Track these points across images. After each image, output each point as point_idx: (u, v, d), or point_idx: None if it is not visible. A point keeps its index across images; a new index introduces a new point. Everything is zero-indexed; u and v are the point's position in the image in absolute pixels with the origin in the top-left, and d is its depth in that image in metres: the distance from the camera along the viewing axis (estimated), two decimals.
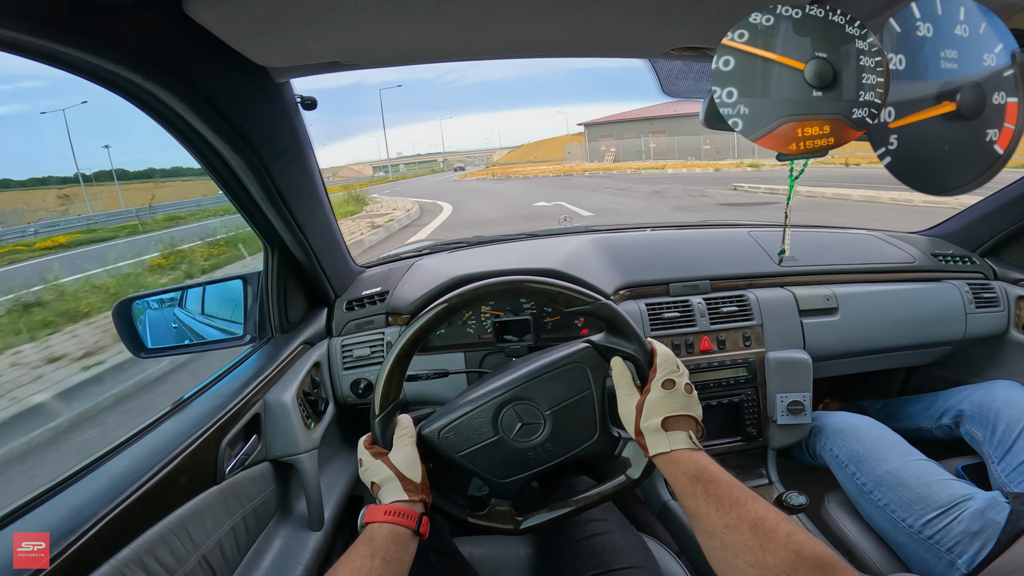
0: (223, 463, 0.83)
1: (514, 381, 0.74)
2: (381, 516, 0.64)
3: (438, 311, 0.74)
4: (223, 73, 0.74)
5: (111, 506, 0.62)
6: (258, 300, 1.18)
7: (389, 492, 0.67)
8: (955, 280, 1.47)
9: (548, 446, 0.73)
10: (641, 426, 0.66)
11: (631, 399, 0.69)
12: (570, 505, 0.76)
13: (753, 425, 1.32)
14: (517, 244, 1.67)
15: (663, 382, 0.68)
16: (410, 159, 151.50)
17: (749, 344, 1.32)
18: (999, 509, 0.93)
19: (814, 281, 1.43)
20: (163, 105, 0.72)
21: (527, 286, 0.76)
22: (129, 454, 0.73)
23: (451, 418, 0.74)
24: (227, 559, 0.80)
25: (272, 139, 0.89)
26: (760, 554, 0.51)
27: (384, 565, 0.59)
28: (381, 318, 1.31)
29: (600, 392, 0.74)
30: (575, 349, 0.74)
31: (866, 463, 1.12)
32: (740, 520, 0.54)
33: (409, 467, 0.69)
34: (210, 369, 1.04)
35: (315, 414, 1.11)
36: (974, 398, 1.24)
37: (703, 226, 1.81)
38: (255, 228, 1.05)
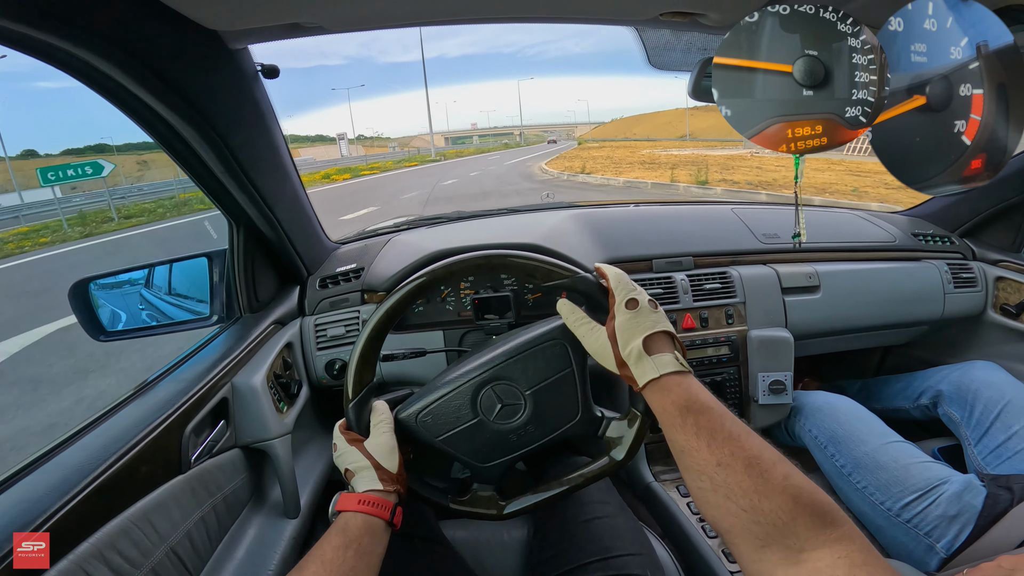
0: (188, 451, 0.79)
1: (492, 360, 0.71)
2: (355, 505, 0.62)
3: (410, 288, 0.71)
4: (167, 38, 0.68)
5: (64, 500, 0.58)
6: (224, 279, 1.13)
7: (363, 480, 0.65)
8: (934, 260, 1.48)
9: (529, 428, 0.71)
10: (622, 354, 0.59)
11: (597, 331, 0.63)
12: (553, 488, 0.74)
13: (735, 405, 1.32)
14: (498, 219, 1.63)
15: (626, 302, 0.62)
16: (485, 131, 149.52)
17: (732, 322, 1.31)
18: (975, 492, 0.94)
19: (796, 259, 1.42)
20: (98, 72, 0.66)
21: (503, 260, 0.72)
22: (83, 444, 0.69)
23: (428, 401, 0.71)
24: (198, 550, 0.77)
25: (228, 109, 0.84)
26: (755, 497, 0.46)
27: (357, 557, 0.57)
28: (356, 296, 1.27)
29: (580, 370, 0.71)
30: (554, 326, 0.71)
31: (844, 444, 1.12)
32: (734, 457, 0.49)
33: (385, 456, 0.67)
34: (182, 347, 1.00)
35: (287, 397, 1.07)
36: (952, 378, 1.25)
37: (687, 203, 1.79)
38: (217, 203, 0.99)
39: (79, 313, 1.04)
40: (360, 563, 0.57)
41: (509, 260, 0.72)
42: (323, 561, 0.56)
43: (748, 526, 0.46)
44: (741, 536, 0.47)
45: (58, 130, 67.29)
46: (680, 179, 12.78)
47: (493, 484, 0.74)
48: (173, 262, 1.18)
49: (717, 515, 0.49)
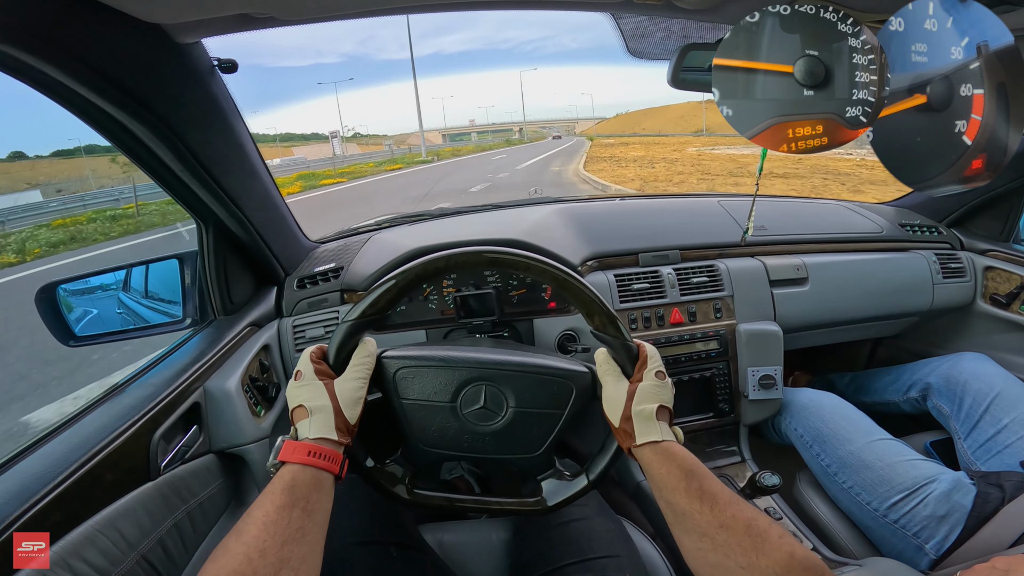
0: (157, 457, 0.78)
1: (498, 363, 0.69)
2: (303, 457, 0.55)
3: (481, 257, 0.67)
4: (104, 35, 0.65)
5: (23, 508, 0.57)
6: (196, 281, 1.10)
7: (316, 425, 0.58)
8: (922, 250, 1.47)
9: (489, 439, 0.69)
10: (633, 411, 0.62)
11: (620, 384, 0.65)
12: (469, 503, 0.72)
13: (725, 401, 1.30)
14: (482, 215, 1.60)
15: (656, 372, 0.64)
16: (483, 127, 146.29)
17: (720, 316, 1.29)
18: (965, 491, 0.92)
19: (784, 251, 1.40)
20: (36, 71, 0.62)
21: (536, 265, 0.68)
22: (45, 452, 0.68)
23: (418, 362, 0.68)
24: (172, 557, 0.75)
25: (181, 105, 0.80)
26: (754, 555, 0.49)
27: (304, 516, 0.52)
28: (335, 295, 1.24)
29: (569, 418, 0.69)
30: (574, 368, 0.70)
31: (829, 443, 1.11)
32: (735, 520, 0.51)
33: (351, 403, 0.61)
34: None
35: (265, 401, 1.04)
36: (941, 370, 1.23)
37: (673, 196, 1.77)
38: (182, 203, 0.96)
39: (46, 318, 1.00)
40: (308, 522, 0.52)
41: (550, 271, 0.68)
42: (265, 524, 0.49)
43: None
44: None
45: (49, 131, 66.71)
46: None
47: (412, 468, 0.71)
48: (143, 264, 1.14)
49: (715, 574, 0.52)
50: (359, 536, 0.78)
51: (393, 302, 0.66)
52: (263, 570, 0.46)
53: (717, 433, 1.34)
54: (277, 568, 0.47)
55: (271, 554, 0.47)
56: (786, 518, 1.10)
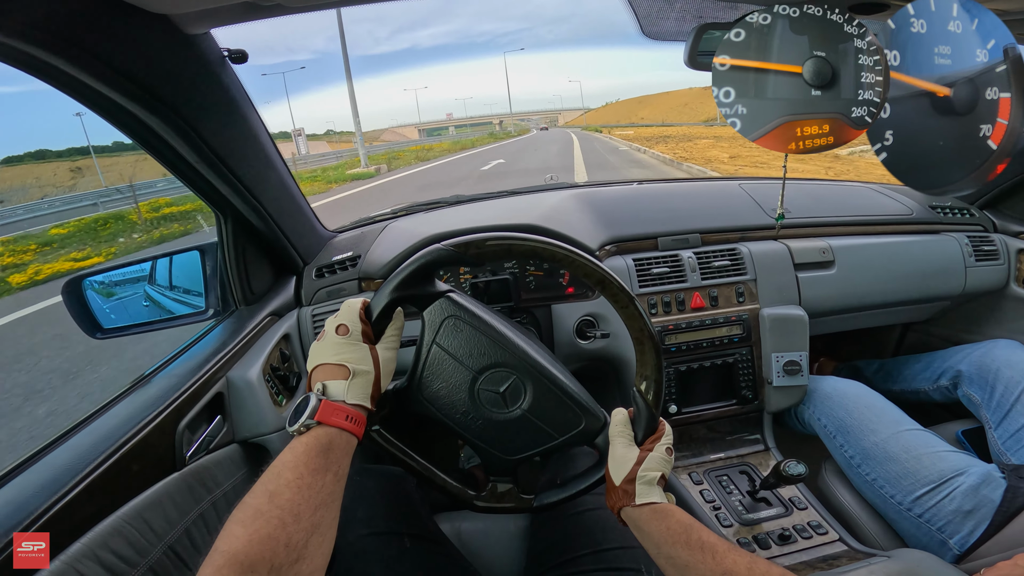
0: (182, 448, 0.78)
1: (538, 366, 0.68)
2: (342, 421, 0.53)
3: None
4: (111, 26, 0.65)
5: (52, 500, 0.58)
6: (218, 272, 1.11)
7: (356, 388, 0.56)
8: (954, 232, 1.42)
9: (480, 423, 0.68)
10: (639, 475, 0.63)
11: (630, 449, 0.65)
12: (416, 467, 0.70)
13: (748, 387, 1.27)
14: (498, 201, 1.59)
15: (667, 448, 0.66)
16: (462, 120, 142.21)
17: (743, 300, 1.26)
18: (995, 486, 0.89)
19: (809, 234, 1.37)
20: (45, 64, 0.63)
21: (624, 296, 0.65)
22: (72, 444, 0.69)
23: (473, 319, 0.67)
24: (198, 547, 0.76)
25: (194, 97, 0.80)
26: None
27: (335, 481, 0.51)
28: (353, 284, 1.24)
29: (557, 447, 0.69)
30: (595, 409, 0.70)
31: (853, 434, 1.08)
32: (737, 565, 0.53)
33: (387, 373, 0.61)
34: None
35: (286, 390, 1.05)
36: (973, 358, 1.19)
37: (693, 180, 1.74)
38: (199, 195, 0.97)
39: (73, 311, 1.02)
40: (337, 487, 0.51)
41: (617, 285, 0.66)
42: (300, 486, 0.47)
43: None
44: None
45: None
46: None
47: (393, 408, 0.69)
48: (167, 256, 1.16)
49: None
50: (373, 527, 0.78)
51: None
52: (297, 535, 0.45)
53: (739, 421, 1.32)
54: (310, 533, 0.46)
55: (305, 518, 0.46)
56: (811, 508, 1.08)
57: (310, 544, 0.46)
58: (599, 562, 0.74)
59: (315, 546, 0.46)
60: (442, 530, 0.88)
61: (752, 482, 1.17)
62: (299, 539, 0.45)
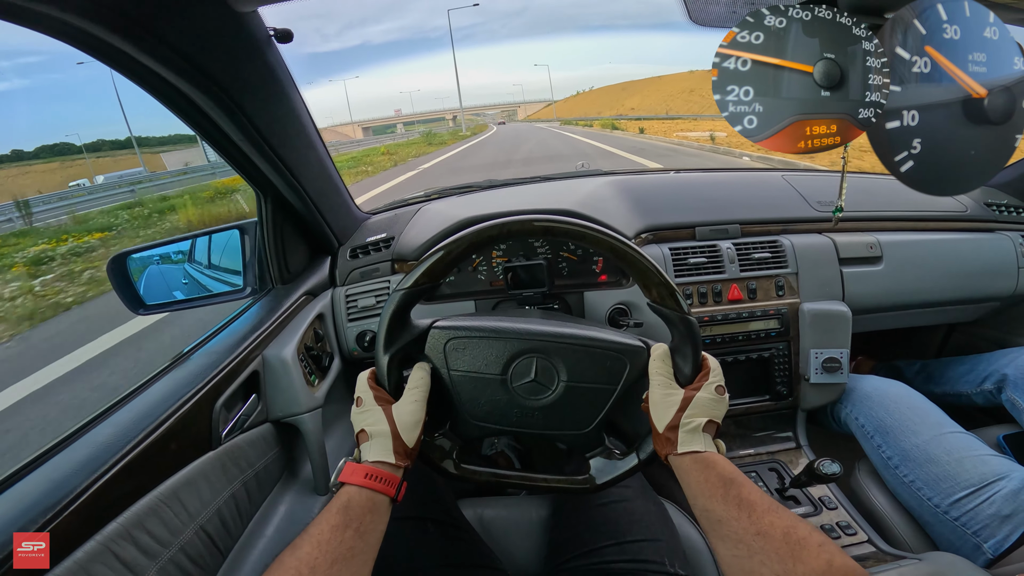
0: (218, 426, 0.78)
1: (550, 335, 0.67)
2: (361, 479, 0.58)
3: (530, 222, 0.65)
4: (166, 3, 0.65)
5: (92, 478, 0.57)
6: (256, 251, 1.12)
7: (376, 448, 0.61)
8: (1008, 231, 1.36)
9: (538, 414, 0.67)
10: (682, 421, 0.60)
11: (671, 390, 0.63)
12: (515, 479, 0.70)
13: (783, 383, 1.24)
14: (531, 187, 1.57)
15: (716, 386, 0.63)
16: (411, 117, 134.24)
17: (782, 294, 1.23)
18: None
19: (856, 228, 1.32)
20: (100, 41, 0.63)
21: (591, 234, 0.65)
22: (113, 421, 0.68)
23: (469, 332, 0.67)
24: (228, 528, 0.76)
25: (242, 75, 0.80)
26: (791, 563, 0.48)
27: (356, 537, 0.54)
28: (387, 265, 1.24)
29: (621, 393, 0.67)
30: (629, 342, 0.67)
31: (892, 435, 1.05)
32: (773, 527, 0.50)
33: (409, 427, 0.62)
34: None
35: (319, 370, 1.06)
36: (1020, 362, 1.14)
37: (732, 170, 1.69)
38: (242, 174, 0.97)
39: (118, 287, 1.04)
40: (359, 543, 0.54)
41: (639, 259, 0.66)
42: (319, 542, 0.52)
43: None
44: None
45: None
46: None
47: (462, 441, 0.70)
48: (207, 234, 1.18)
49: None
50: (396, 511, 0.78)
51: (408, 308, 0.66)
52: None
53: (771, 417, 1.29)
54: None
55: (320, 571, 0.49)
56: (841, 508, 1.06)
57: None
58: (623, 554, 0.74)
59: None
60: (465, 516, 0.88)
61: (781, 480, 1.15)
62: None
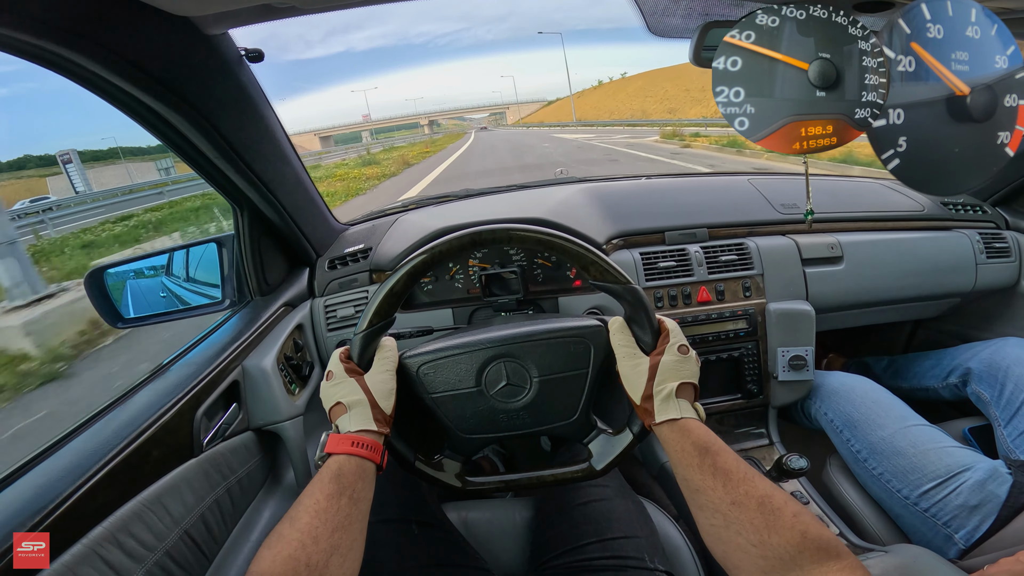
0: (200, 434, 0.80)
1: (512, 337, 0.69)
2: (348, 447, 0.58)
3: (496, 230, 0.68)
4: (136, 28, 0.67)
5: (77, 484, 0.59)
6: (234, 263, 1.14)
7: (356, 418, 0.60)
8: (965, 229, 1.41)
9: (523, 414, 0.69)
10: (654, 390, 0.61)
11: (639, 361, 0.64)
12: (523, 481, 0.72)
13: (754, 381, 1.28)
14: (507, 195, 1.61)
15: (678, 346, 0.63)
16: (380, 123, 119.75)
17: (749, 295, 1.27)
18: (1000, 481, 0.89)
19: (818, 229, 1.36)
20: (73, 64, 0.66)
21: (559, 244, 0.68)
22: (95, 430, 0.70)
23: (436, 354, 0.69)
24: (213, 533, 0.78)
25: (212, 94, 0.83)
26: (765, 533, 0.48)
27: (351, 504, 0.54)
28: (365, 276, 1.26)
29: (594, 375, 0.69)
30: (586, 324, 0.69)
31: (860, 428, 1.08)
32: (748, 496, 0.51)
33: (384, 395, 0.63)
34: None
35: (299, 379, 1.08)
36: (983, 356, 1.18)
37: (701, 174, 1.74)
38: (217, 188, 1.00)
39: (95, 301, 1.04)
40: (354, 510, 0.54)
41: (566, 246, 0.68)
42: (316, 511, 0.52)
43: (755, 560, 0.49)
44: (748, 571, 0.50)
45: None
46: None
47: (462, 456, 0.72)
48: (184, 248, 1.19)
49: (727, 550, 0.52)
50: (382, 514, 0.79)
51: (392, 307, 0.68)
52: (316, 556, 0.49)
53: (745, 415, 1.33)
54: (329, 554, 0.50)
55: (323, 540, 0.50)
56: (813, 502, 1.09)
57: (331, 564, 0.50)
58: (604, 551, 0.75)
59: (336, 566, 0.50)
60: (449, 518, 0.89)
61: None
62: (319, 559, 0.49)
